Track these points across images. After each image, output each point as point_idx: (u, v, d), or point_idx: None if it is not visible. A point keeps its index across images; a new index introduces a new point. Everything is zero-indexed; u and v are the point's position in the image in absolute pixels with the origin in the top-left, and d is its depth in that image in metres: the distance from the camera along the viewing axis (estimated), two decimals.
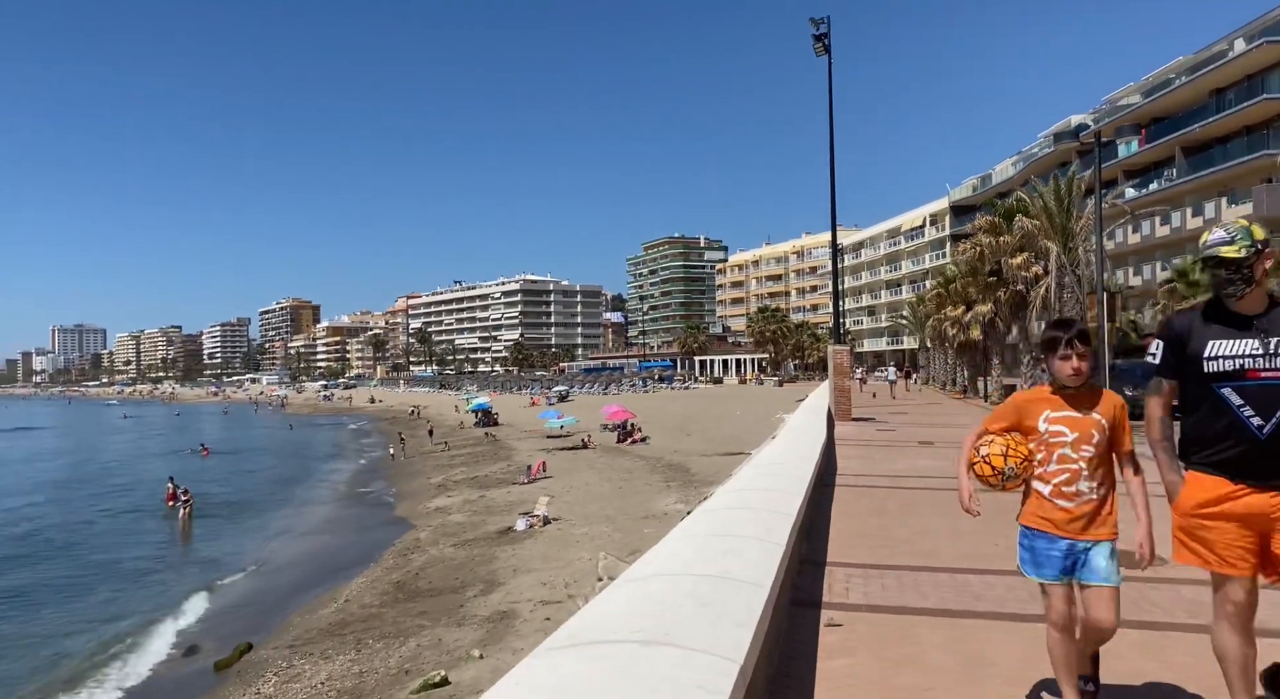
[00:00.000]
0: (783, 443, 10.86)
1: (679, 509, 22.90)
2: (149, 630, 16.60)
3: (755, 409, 52.70)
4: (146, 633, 16.40)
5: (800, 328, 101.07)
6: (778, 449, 10.05)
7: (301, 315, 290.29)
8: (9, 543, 26.55)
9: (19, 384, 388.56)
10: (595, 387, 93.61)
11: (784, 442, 10.98)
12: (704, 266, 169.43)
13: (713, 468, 31.72)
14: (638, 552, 18.69)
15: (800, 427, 13.75)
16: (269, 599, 18.61)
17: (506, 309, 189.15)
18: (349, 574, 19.94)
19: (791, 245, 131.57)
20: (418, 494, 31.85)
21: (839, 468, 11.78)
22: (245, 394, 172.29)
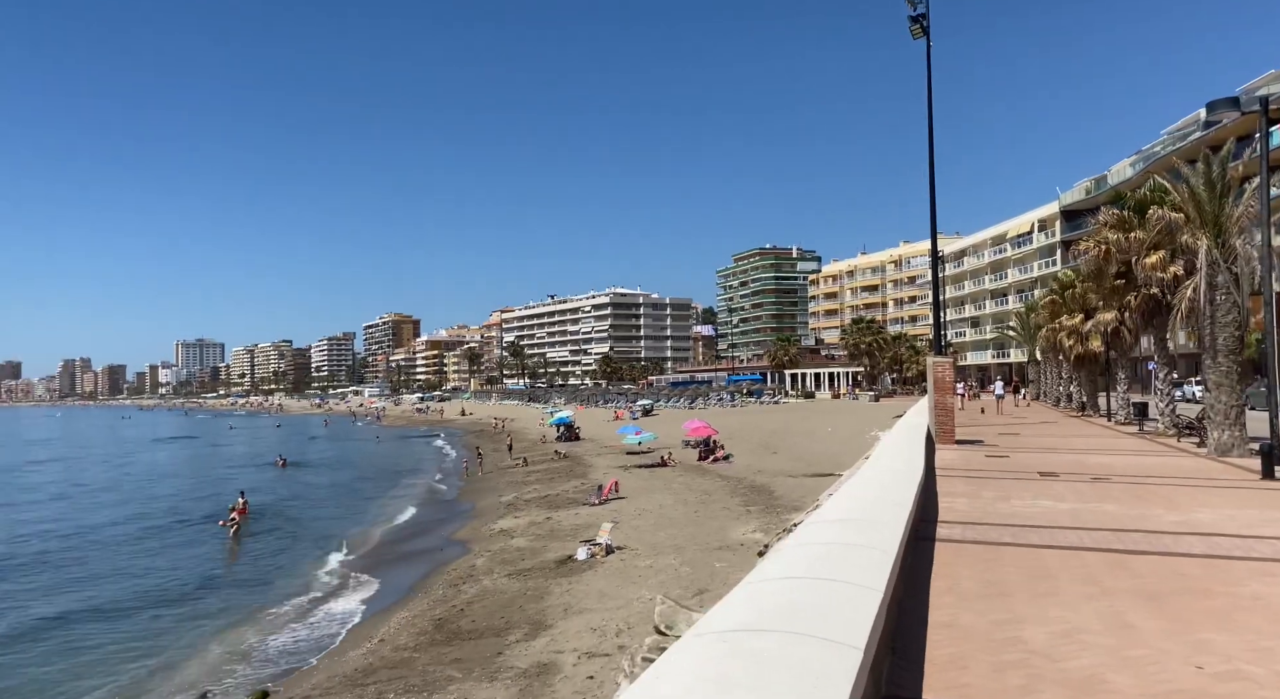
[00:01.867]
0: (872, 477, 8.60)
1: (756, 539, 20.62)
2: (167, 673, 15.31)
3: (848, 426, 49.75)
4: (165, 676, 15.12)
5: (898, 339, 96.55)
6: (866, 487, 7.82)
7: (402, 329, 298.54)
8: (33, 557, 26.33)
9: (146, 395, 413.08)
10: (681, 400, 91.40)
11: (874, 475, 8.71)
12: (796, 277, 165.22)
13: (799, 490, 29.27)
14: (704, 592, 16.56)
15: (894, 452, 11.39)
16: (301, 634, 17.21)
17: (596, 322, 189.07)
18: (393, 606, 18.46)
19: (888, 254, 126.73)
20: (485, 513, 30.43)
21: (940, 508, 9.41)
22: (346, 406, 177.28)
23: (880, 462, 10.05)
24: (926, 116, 22.34)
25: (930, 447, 16.48)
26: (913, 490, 7.16)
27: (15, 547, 28.81)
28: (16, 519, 35.21)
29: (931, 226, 22.53)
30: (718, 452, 40.66)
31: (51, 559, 26.51)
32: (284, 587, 21.46)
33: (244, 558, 25.64)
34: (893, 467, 9.30)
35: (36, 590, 22.52)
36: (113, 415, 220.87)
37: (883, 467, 9.40)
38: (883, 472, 8.84)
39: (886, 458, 10.44)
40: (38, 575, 24.39)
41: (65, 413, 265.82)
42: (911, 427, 17.06)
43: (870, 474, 8.59)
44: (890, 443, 13.43)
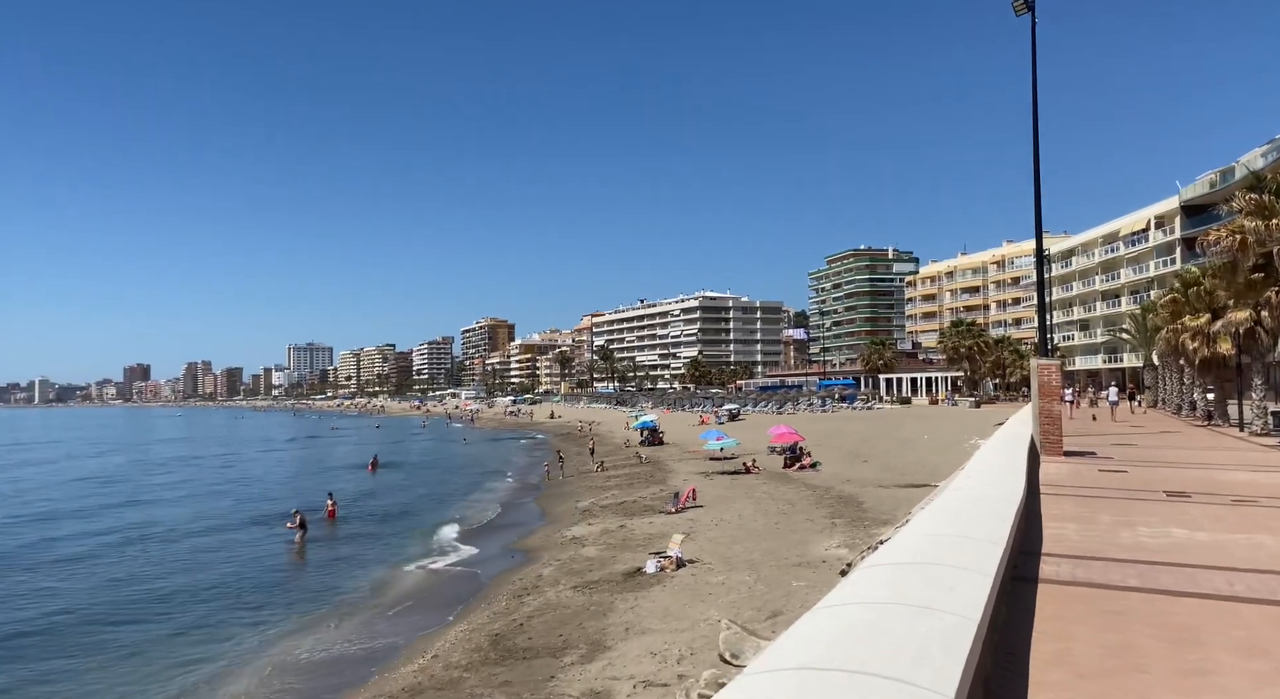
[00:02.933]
0: (961, 500, 7.22)
1: (840, 556, 19.11)
2: (217, 683, 14.89)
3: (945, 433, 47.17)
4: (214, 685, 14.71)
5: (1000, 343, 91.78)
6: (950, 513, 6.50)
7: (498, 334, 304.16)
8: (111, 554, 26.69)
9: (260, 397, 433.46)
10: (769, 405, 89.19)
11: (962, 497, 7.33)
12: (892, 279, 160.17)
13: (890, 502, 27.48)
14: (777, 616, 15.21)
15: (990, 467, 9.88)
16: (357, 646, 16.64)
17: (685, 326, 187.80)
18: (455, 617, 17.77)
19: (990, 255, 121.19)
20: (560, 519, 29.68)
21: (1045, 536, 7.90)
22: (443, 408, 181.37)
23: (972, 479, 8.59)
24: (1031, 108, 20.26)
25: (1034, 459, 14.73)
26: (1009, 517, 5.79)
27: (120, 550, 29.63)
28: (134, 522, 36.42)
29: (1036, 224, 20.46)
30: (804, 459, 38.95)
31: (115, 557, 27.04)
32: (348, 595, 21.06)
33: (311, 564, 25.45)
34: (986, 485, 7.87)
35: (102, 586, 22.87)
36: (229, 416, 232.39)
37: (975, 485, 7.97)
38: (974, 491, 7.43)
39: (980, 474, 8.97)
40: (107, 568, 24.88)
41: (186, 413, 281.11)
42: (1013, 436, 15.32)
43: (958, 496, 7.20)
44: (986, 455, 11.84)
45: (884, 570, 4.02)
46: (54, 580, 23.75)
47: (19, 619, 19.59)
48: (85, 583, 23.27)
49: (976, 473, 9.22)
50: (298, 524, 28.78)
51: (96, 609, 20.30)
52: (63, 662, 16.35)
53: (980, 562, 4.18)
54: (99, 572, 24.52)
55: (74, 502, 41.52)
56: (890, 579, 3.79)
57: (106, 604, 20.69)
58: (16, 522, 35.25)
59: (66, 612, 20.14)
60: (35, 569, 25.40)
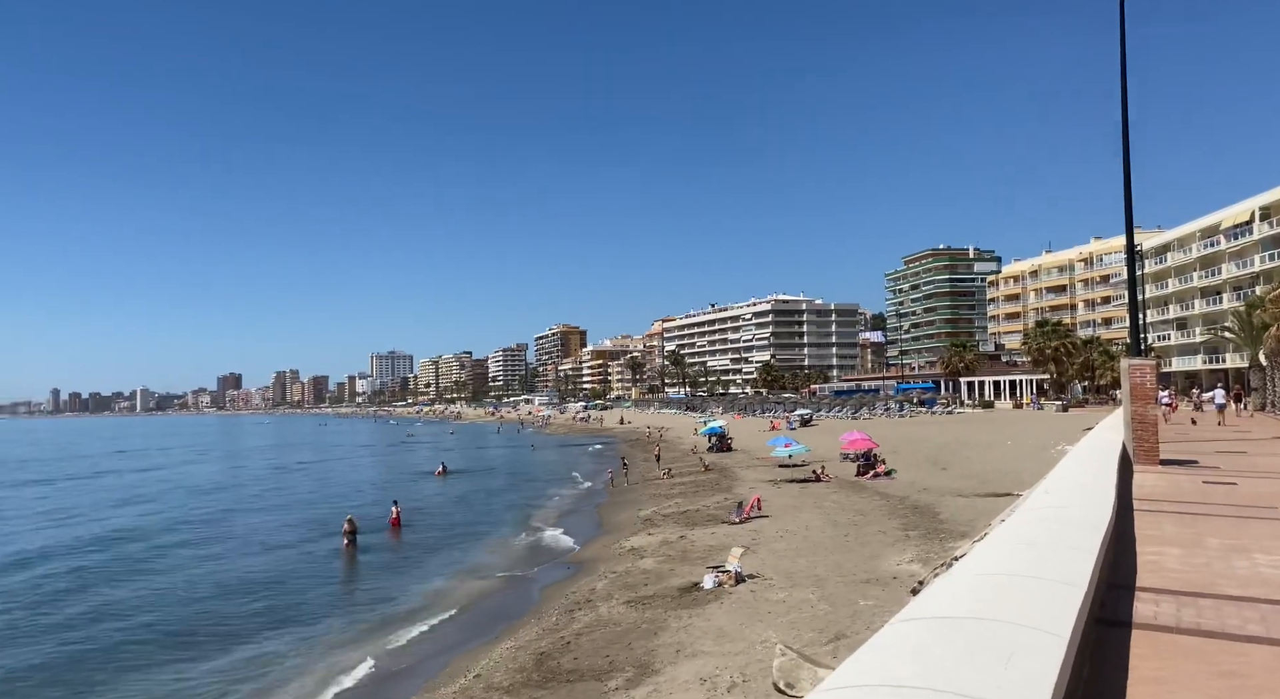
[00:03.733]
0: (1038, 518, 6.19)
1: (912, 572, 17.85)
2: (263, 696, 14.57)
3: (1030, 439, 44.85)
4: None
5: (1089, 344, 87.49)
6: (1027, 533, 5.51)
7: (570, 340, 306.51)
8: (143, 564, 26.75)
9: (345, 404, 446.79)
10: (844, 410, 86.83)
11: (1039, 516, 6.28)
12: (973, 279, 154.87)
13: (969, 512, 25.92)
14: (840, 639, 14.08)
15: (1074, 480, 8.71)
16: (403, 661, 16.15)
17: (757, 330, 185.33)
18: (504, 632, 17.16)
19: (1078, 252, 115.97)
20: (620, 528, 28.94)
21: (1140, 564, 6.72)
22: (516, 414, 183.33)
23: (1051, 495, 7.45)
24: (1120, 97, 18.55)
25: (1125, 469, 13.28)
26: (1093, 547, 4.75)
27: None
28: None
29: (1127, 218, 18.71)
30: (878, 466, 37.37)
31: (181, 565, 27.33)
32: (400, 606, 20.67)
33: (369, 573, 25.19)
34: (1067, 503, 6.75)
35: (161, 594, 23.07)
36: (314, 423, 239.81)
37: (1054, 503, 6.85)
38: (1052, 511, 6.34)
39: (1061, 489, 7.82)
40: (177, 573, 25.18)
41: (274, 421, 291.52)
42: (1101, 443, 13.90)
43: (1031, 518, 6.13)
44: (1069, 466, 10.57)
45: (920, 628, 3.09)
46: (120, 589, 24.15)
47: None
48: (143, 591, 23.51)
49: (1057, 487, 8.05)
50: (347, 532, 28.63)
51: (146, 619, 20.38)
52: (102, 673, 16.31)
53: (1052, 616, 3.21)
54: (157, 582, 24.54)
55: (165, 513, 42.69)
56: (923, 645, 2.86)
57: (160, 614, 20.75)
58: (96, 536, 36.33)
59: (117, 618, 20.30)
60: (115, 579, 25.90)
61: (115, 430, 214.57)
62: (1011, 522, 6.04)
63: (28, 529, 36.17)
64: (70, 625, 19.80)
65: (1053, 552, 4.53)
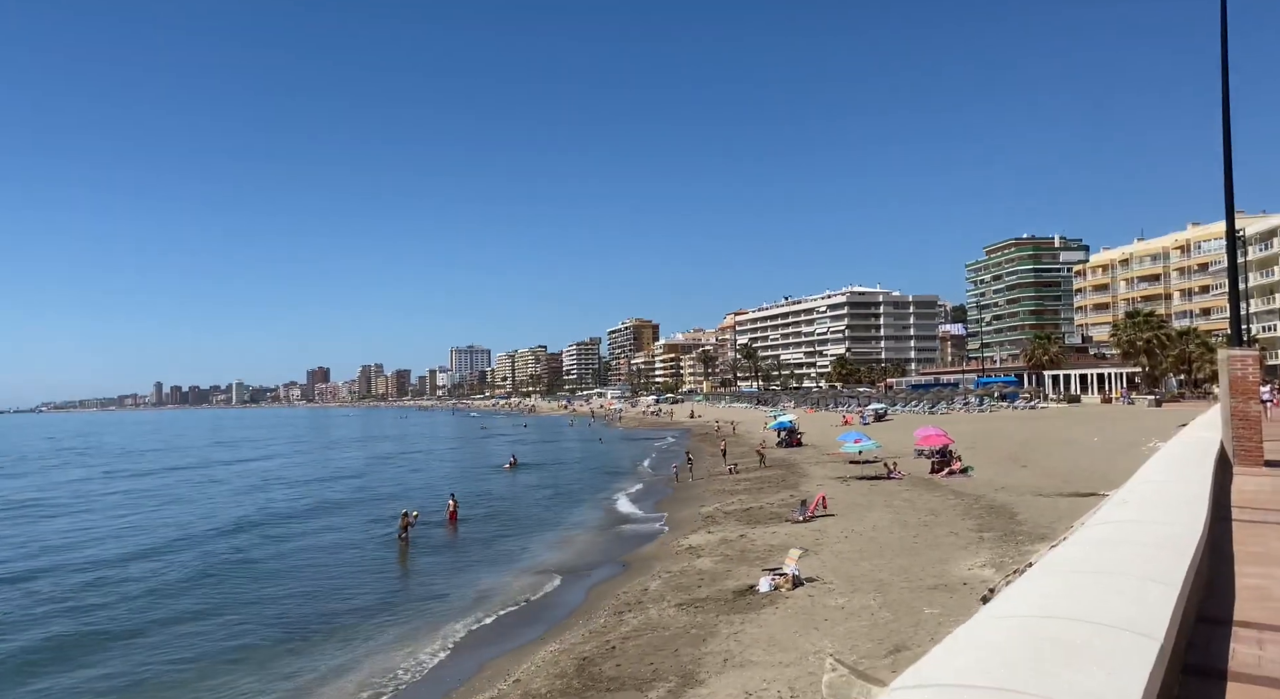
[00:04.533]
0: (1110, 536, 5.30)
1: (984, 578, 16.70)
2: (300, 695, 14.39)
3: (1120, 435, 42.51)
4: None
5: (1184, 335, 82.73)
6: (1093, 557, 4.66)
7: (642, 334, 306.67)
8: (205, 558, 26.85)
9: (426, 397, 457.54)
10: (920, 405, 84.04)
11: (1111, 535, 5.38)
12: (1059, 269, 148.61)
13: (1049, 513, 24.46)
14: (900, 651, 13.09)
15: (1159, 488, 7.67)
16: (446, 664, 15.78)
17: (832, 323, 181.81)
18: (551, 632, 16.70)
19: (1173, 239, 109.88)
20: (681, 525, 28.26)
21: (1239, 589, 5.71)
22: (588, 407, 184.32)
23: (1131, 505, 6.47)
24: (1220, 68, 16.82)
25: (1223, 472, 11.97)
26: (1175, 578, 3.89)
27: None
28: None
29: (1228, 200, 17.02)
30: (953, 463, 35.78)
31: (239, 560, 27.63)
32: (450, 604, 20.33)
33: (422, 569, 24.90)
34: (1149, 515, 5.81)
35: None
36: (395, 415, 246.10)
37: (1132, 515, 5.90)
38: (1127, 529, 5.41)
39: (1142, 497, 6.81)
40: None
41: (359, 413, 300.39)
42: (1195, 442, 12.57)
43: (1102, 536, 5.23)
44: (1155, 468, 9.43)
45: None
46: (174, 574, 24.64)
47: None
48: (197, 579, 23.89)
49: (1138, 495, 7.03)
50: (402, 526, 28.51)
51: (192, 610, 20.60)
52: (137, 663, 16.46)
53: (1116, 686, 2.41)
54: (209, 578, 24.49)
55: (237, 509, 43.86)
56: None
57: (209, 606, 20.91)
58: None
59: (169, 608, 20.62)
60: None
61: (213, 422, 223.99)
62: (1076, 539, 5.15)
63: (117, 525, 37.46)
64: (108, 611, 20.18)
65: (1123, 585, 3.68)
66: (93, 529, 34.21)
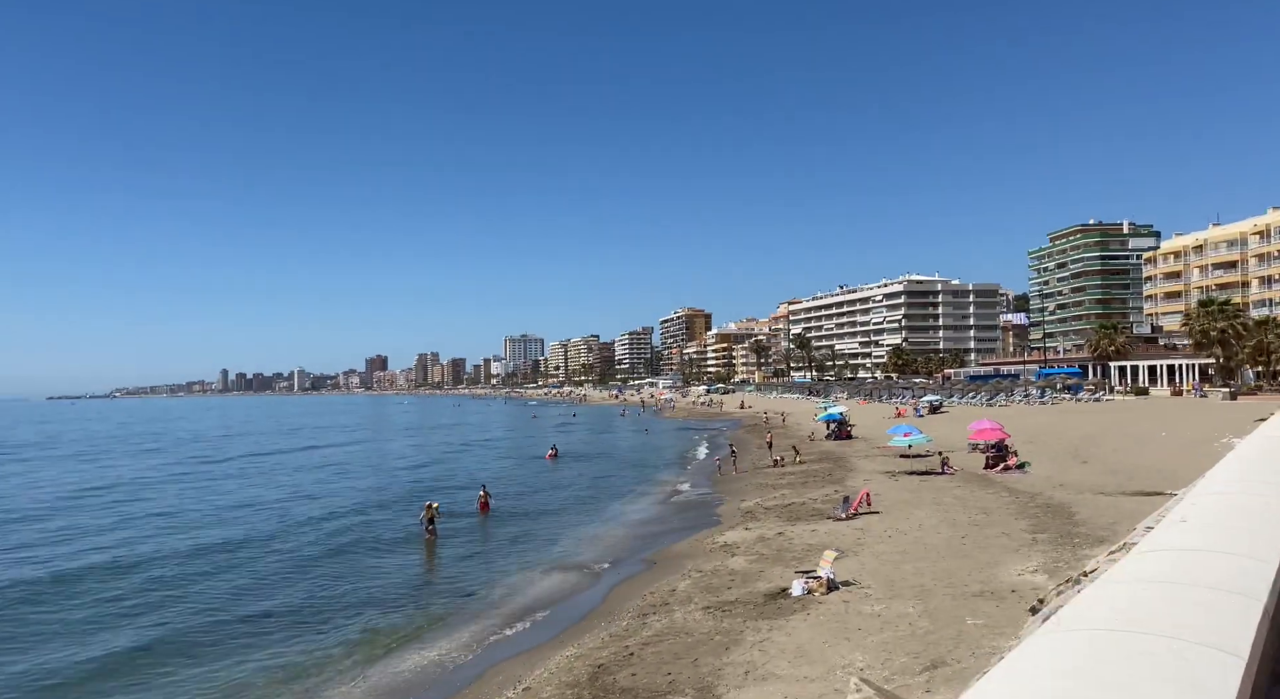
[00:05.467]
0: (1157, 572, 4.36)
1: (1035, 585, 15.54)
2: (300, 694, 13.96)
3: (1191, 430, 40.34)
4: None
5: (1263, 325, 78.57)
6: (1138, 604, 3.74)
7: (695, 323, 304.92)
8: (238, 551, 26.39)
9: (480, 386, 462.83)
10: (978, 396, 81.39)
11: (1160, 570, 4.44)
12: (1127, 256, 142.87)
13: (1109, 514, 23.02)
14: (937, 667, 12.00)
15: (1226, 502, 6.63)
16: (458, 667, 15.21)
17: (889, 312, 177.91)
18: (570, 634, 16.02)
19: (1252, 224, 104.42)
20: (720, 521, 27.39)
21: None
22: (639, 397, 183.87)
23: (1191, 524, 5.47)
24: None
25: None
26: (1243, 640, 2.98)
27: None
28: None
29: None
30: (1009, 459, 34.19)
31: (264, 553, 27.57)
32: (471, 601, 19.76)
33: (447, 562, 24.22)
34: (1211, 541, 4.83)
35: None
36: (449, 403, 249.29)
37: (1189, 541, 4.92)
38: (1180, 563, 4.45)
39: (1203, 514, 5.82)
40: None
41: (413, 401, 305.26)
42: (1272, 442, 11.31)
43: (1147, 571, 4.30)
44: (1223, 477, 8.31)
45: None
46: (195, 564, 24.65)
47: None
48: (209, 572, 23.78)
49: (1202, 510, 5.99)
50: (427, 518, 27.87)
51: (201, 603, 20.44)
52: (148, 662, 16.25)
53: None
54: (234, 571, 23.99)
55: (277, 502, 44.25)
56: None
57: (227, 602, 20.65)
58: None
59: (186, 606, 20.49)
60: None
61: (277, 408, 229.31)
62: (1119, 575, 4.18)
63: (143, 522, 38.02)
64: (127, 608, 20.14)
65: (1169, 660, 2.77)
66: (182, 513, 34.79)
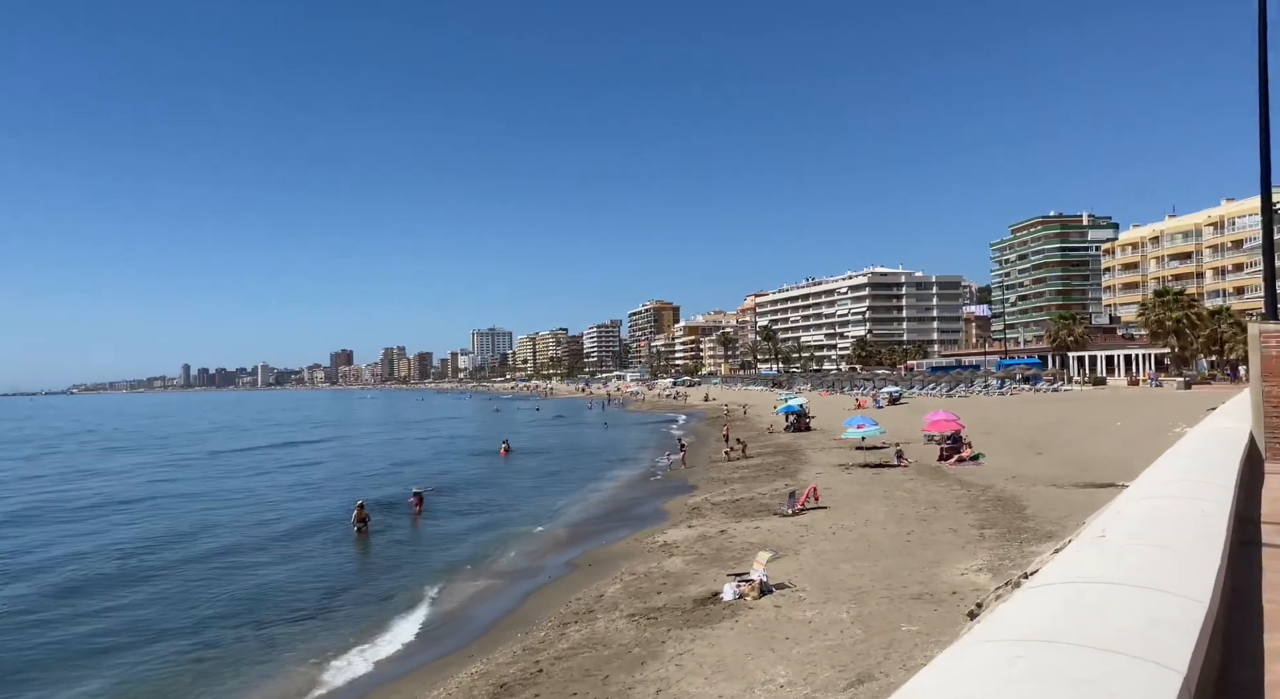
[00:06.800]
0: (1062, 610, 3.32)
1: (977, 585, 14.77)
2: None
3: (1145, 420, 40.16)
4: None
5: (1216, 315, 79.41)
6: (1055, 621, 2.65)
7: (663, 316, 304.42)
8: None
9: (447, 380, 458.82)
10: (938, 388, 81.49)
11: (1063, 611, 3.40)
12: (1087, 248, 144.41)
13: (1060, 507, 22.46)
14: (862, 681, 11.14)
15: (1156, 509, 5.64)
16: (334, 691, 14.04)
17: (854, 304, 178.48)
18: (483, 646, 14.96)
19: (1206, 215, 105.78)
20: (665, 517, 26.45)
21: (1267, 661, 3.78)
22: (605, 390, 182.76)
23: (1110, 543, 4.48)
24: (1258, 35, 14.36)
25: (1252, 474, 9.91)
26: (1194, 617, 1.94)
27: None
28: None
29: (1264, 165, 14.77)
30: (963, 450, 33.67)
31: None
32: (385, 609, 18.55)
33: (369, 567, 23.10)
34: (1139, 561, 3.83)
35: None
36: (414, 398, 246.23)
37: (1111, 564, 3.92)
38: (1103, 584, 3.45)
39: (1131, 524, 4.82)
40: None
41: (376, 396, 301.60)
42: (1218, 435, 10.48)
43: (1053, 611, 3.28)
44: (1167, 471, 7.38)
45: None
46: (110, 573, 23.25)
47: None
48: (124, 578, 22.45)
49: (1126, 521, 5.02)
50: (356, 518, 26.68)
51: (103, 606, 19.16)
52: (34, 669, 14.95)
53: None
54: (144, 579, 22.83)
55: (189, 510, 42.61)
56: None
57: (128, 606, 19.43)
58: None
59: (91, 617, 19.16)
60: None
61: (240, 405, 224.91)
62: (1005, 625, 3.19)
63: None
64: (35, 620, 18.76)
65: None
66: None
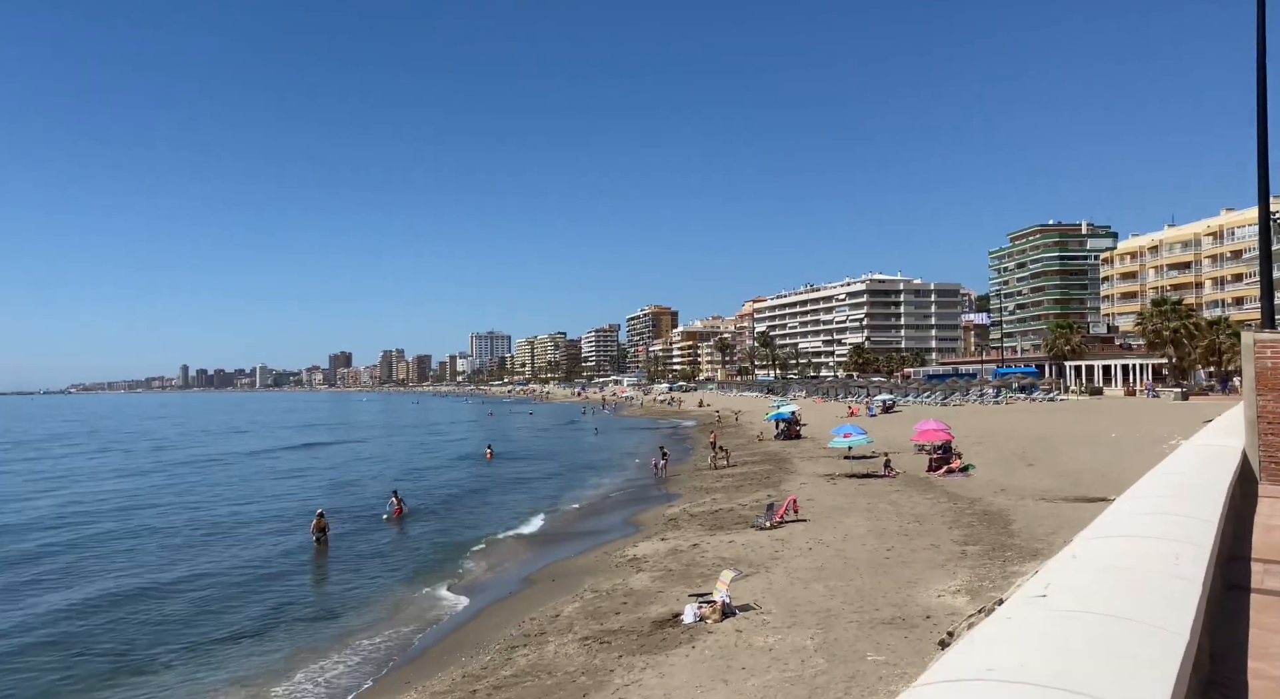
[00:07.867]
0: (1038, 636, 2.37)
1: (953, 608, 13.86)
2: None
3: (1140, 431, 39.21)
4: None
5: (1215, 325, 78.50)
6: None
7: (661, 321, 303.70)
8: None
9: (445, 382, 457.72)
10: (933, 396, 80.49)
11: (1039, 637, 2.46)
12: (1085, 257, 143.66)
13: (1049, 522, 21.56)
14: None
15: (1131, 540, 4.73)
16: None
17: (851, 311, 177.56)
18: (426, 670, 14.02)
19: (1205, 225, 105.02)
20: (638, 529, 25.51)
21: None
22: (600, 395, 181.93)
23: (1063, 597, 3.56)
24: (1256, 45, 13.48)
25: (1244, 498, 9.00)
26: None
27: None
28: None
29: (1261, 177, 13.89)
30: (953, 461, 32.75)
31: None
32: (337, 626, 17.62)
33: (329, 579, 22.04)
34: (1108, 599, 2.91)
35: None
36: (409, 400, 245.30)
37: (1054, 641, 3.00)
38: (1053, 642, 2.53)
39: (1092, 595, 3.90)
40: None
41: (373, 398, 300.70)
42: (1208, 453, 9.57)
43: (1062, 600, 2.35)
44: (1144, 497, 6.47)
45: None
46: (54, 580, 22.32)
47: None
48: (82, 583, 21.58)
49: (1086, 573, 4.11)
50: (316, 527, 25.72)
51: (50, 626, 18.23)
52: None
53: None
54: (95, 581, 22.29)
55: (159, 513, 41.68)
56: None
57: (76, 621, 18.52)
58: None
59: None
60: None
61: (240, 406, 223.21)
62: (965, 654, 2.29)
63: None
64: None
65: None
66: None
